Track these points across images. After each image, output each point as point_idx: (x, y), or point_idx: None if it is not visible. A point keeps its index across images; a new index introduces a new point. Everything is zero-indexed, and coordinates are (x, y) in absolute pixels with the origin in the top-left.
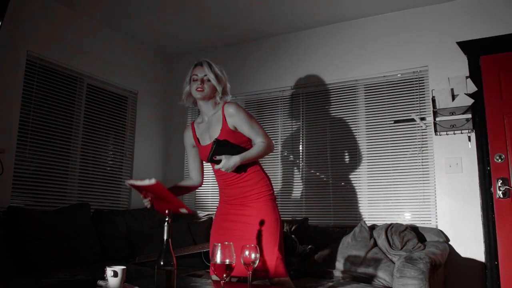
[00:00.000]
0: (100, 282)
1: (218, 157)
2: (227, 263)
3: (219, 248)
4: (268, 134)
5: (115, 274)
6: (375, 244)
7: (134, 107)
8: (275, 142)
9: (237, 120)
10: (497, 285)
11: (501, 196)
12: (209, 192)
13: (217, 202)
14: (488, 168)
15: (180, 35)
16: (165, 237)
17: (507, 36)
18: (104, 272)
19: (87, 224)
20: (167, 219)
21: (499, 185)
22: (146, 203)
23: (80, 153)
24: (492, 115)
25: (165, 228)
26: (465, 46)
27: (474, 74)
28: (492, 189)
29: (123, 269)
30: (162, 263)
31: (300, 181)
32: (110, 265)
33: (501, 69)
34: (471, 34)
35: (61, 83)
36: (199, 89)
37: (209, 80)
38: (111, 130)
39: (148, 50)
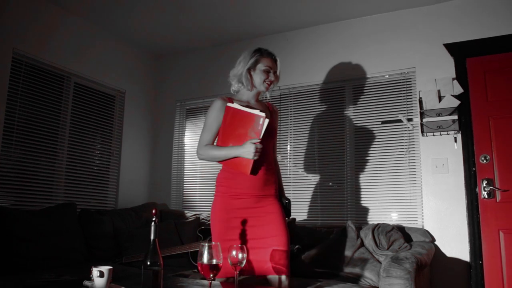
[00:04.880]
0: (86, 283)
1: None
2: (214, 263)
3: (206, 248)
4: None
5: (101, 274)
6: (362, 244)
7: (121, 106)
8: None
9: (276, 121)
10: (481, 284)
11: (486, 196)
12: (196, 192)
13: (206, 202)
14: (474, 169)
15: (168, 34)
16: (152, 237)
17: (493, 39)
18: (90, 272)
19: (73, 224)
20: (154, 219)
21: (484, 185)
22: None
23: (67, 152)
24: (478, 116)
25: (152, 228)
26: (451, 48)
27: (461, 76)
28: (477, 189)
29: (109, 269)
30: (148, 263)
31: (288, 181)
32: (96, 265)
33: (486, 71)
34: (458, 36)
35: (48, 82)
36: (269, 82)
37: (276, 77)
38: (98, 129)
39: (136, 49)
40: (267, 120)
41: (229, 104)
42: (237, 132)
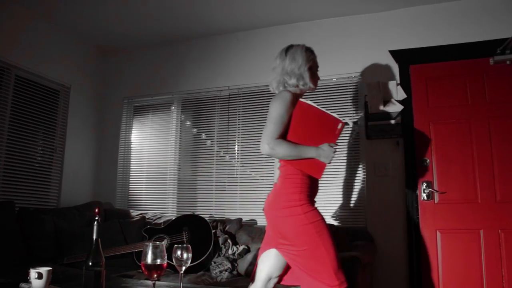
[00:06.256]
0: (23, 285)
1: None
2: (158, 263)
3: (150, 247)
4: (205, 133)
5: (40, 276)
6: None
7: (66, 101)
8: (211, 141)
9: None
10: (418, 281)
11: (425, 198)
12: (142, 191)
13: (152, 202)
14: (414, 172)
15: (116, 29)
16: (94, 237)
17: (435, 48)
18: (27, 274)
19: (11, 223)
20: (96, 218)
21: (424, 187)
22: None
23: (6, 148)
24: (419, 121)
25: (94, 227)
26: (396, 54)
27: (404, 82)
28: (417, 191)
29: (48, 270)
30: (90, 263)
31: (235, 181)
32: (35, 266)
33: (428, 78)
34: (403, 44)
35: None
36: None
37: None
38: (40, 125)
39: (83, 43)
40: (343, 126)
41: (303, 100)
42: (311, 132)
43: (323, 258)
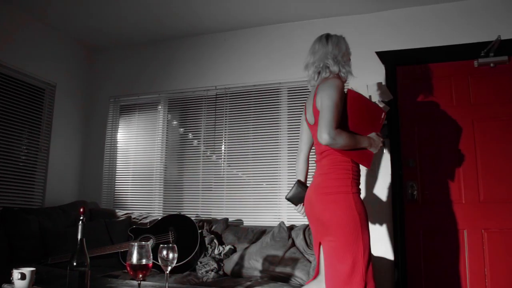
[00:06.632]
0: (5, 286)
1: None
2: (143, 263)
3: (136, 247)
4: (192, 133)
5: (23, 276)
6: (293, 244)
7: (51, 100)
8: (198, 141)
9: None
10: (404, 281)
11: (411, 198)
12: (128, 191)
13: (138, 201)
14: (400, 172)
15: (104, 28)
16: (79, 237)
17: (421, 50)
18: (10, 274)
19: None
20: (81, 218)
21: (409, 188)
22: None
23: None
24: (405, 122)
25: (79, 227)
26: (383, 56)
27: (391, 83)
28: (402, 192)
29: (32, 271)
30: (75, 263)
31: (221, 181)
32: (18, 267)
33: (414, 79)
34: (389, 45)
35: None
36: None
37: None
38: (25, 124)
39: (70, 41)
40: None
41: (352, 88)
42: (362, 121)
43: (356, 254)
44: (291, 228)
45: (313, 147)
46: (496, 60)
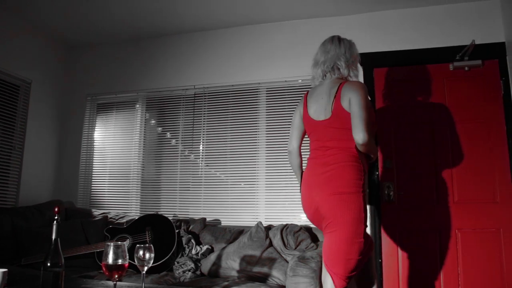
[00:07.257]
0: None
1: None
2: (120, 263)
3: (112, 247)
4: (170, 132)
5: None
6: (271, 244)
7: (26, 97)
8: (176, 141)
9: None
10: (380, 280)
11: (387, 199)
12: (105, 190)
13: (114, 201)
14: (377, 173)
15: (82, 25)
16: (53, 237)
17: (398, 52)
18: None
19: None
20: (56, 217)
21: (386, 189)
22: None
23: None
24: (382, 124)
25: (54, 226)
26: (361, 58)
27: (368, 85)
28: (380, 193)
29: (4, 272)
30: (49, 264)
31: (199, 181)
32: None
33: (391, 81)
34: (367, 47)
35: None
36: None
37: None
38: None
39: (46, 38)
40: None
41: None
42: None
43: (355, 248)
44: (269, 228)
45: (303, 142)
46: (471, 64)
